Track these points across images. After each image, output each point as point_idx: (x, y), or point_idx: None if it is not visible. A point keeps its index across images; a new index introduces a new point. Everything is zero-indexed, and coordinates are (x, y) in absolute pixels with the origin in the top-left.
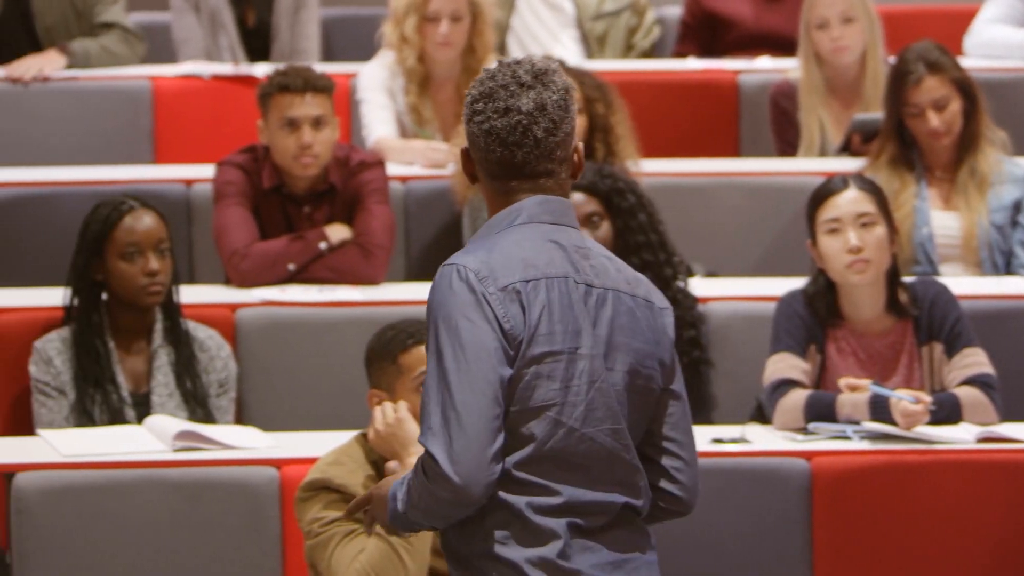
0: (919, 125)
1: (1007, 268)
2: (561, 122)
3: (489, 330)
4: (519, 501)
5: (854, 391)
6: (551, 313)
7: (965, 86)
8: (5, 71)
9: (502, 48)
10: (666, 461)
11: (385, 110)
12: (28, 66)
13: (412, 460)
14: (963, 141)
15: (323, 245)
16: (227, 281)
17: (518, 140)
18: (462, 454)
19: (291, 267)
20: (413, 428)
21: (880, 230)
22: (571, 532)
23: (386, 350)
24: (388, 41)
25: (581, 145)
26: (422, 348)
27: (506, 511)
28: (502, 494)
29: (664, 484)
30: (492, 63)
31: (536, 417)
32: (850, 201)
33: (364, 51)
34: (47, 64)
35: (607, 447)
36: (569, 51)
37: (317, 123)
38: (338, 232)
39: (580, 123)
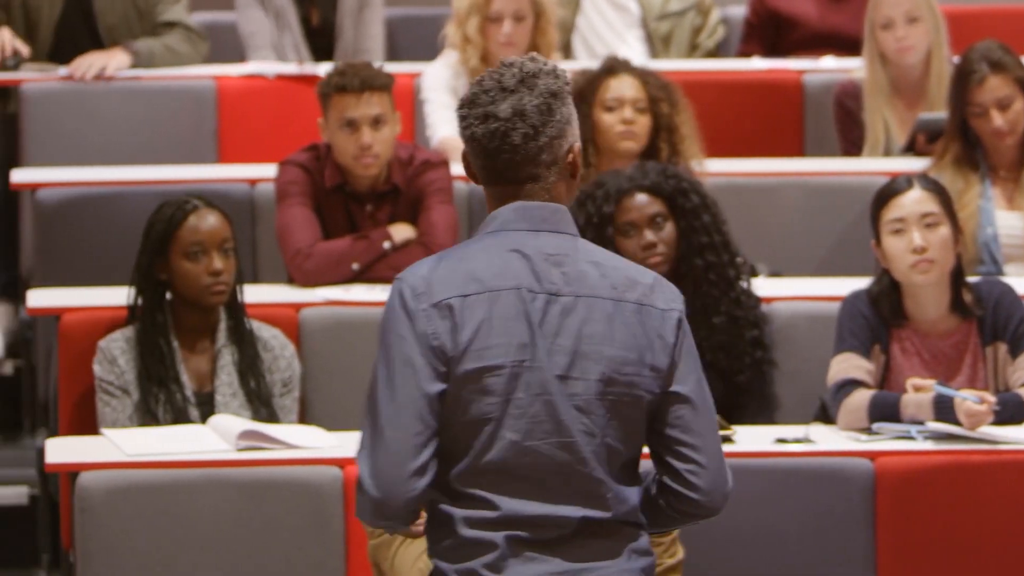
0: (983, 125)
1: None
2: (543, 126)
3: (416, 347)
4: (457, 514)
5: (919, 391)
6: (491, 327)
7: None
8: (68, 69)
9: (567, 48)
10: (679, 465)
11: (448, 110)
12: (91, 63)
13: None
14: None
15: (387, 245)
16: (291, 281)
17: (497, 147)
18: (382, 469)
19: (355, 267)
20: None
21: (944, 230)
22: (511, 544)
23: None
24: (451, 41)
25: (578, 145)
26: None
27: (445, 523)
28: (443, 506)
29: (679, 487)
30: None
31: (474, 431)
32: (914, 201)
33: (428, 51)
34: (111, 62)
35: (556, 460)
36: (634, 51)
37: (376, 122)
38: (402, 232)
39: (643, 123)
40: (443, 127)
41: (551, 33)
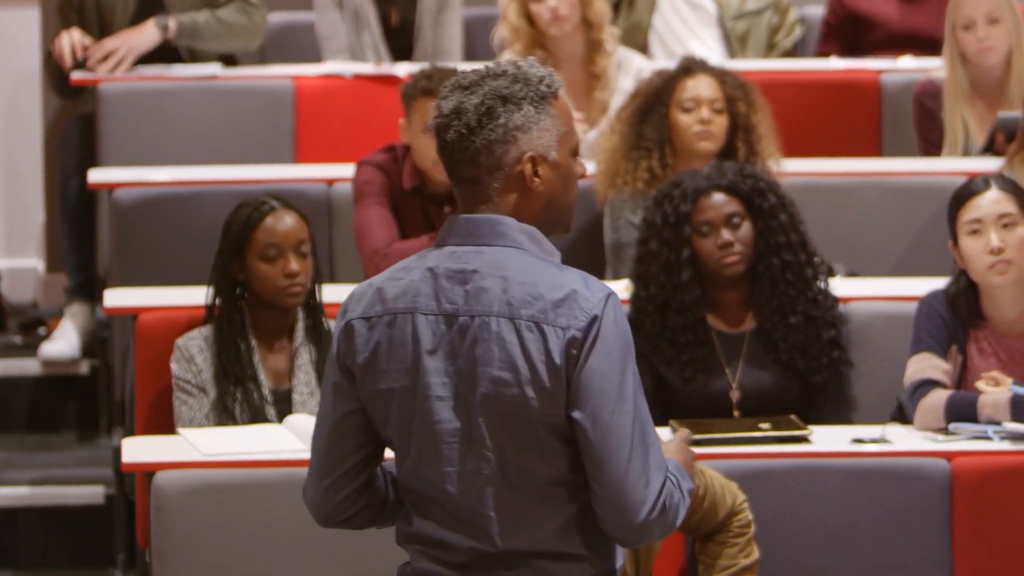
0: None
1: None
2: (479, 128)
3: (333, 366)
4: (398, 523)
5: (994, 385)
6: (387, 350)
7: None
8: (99, 50)
9: (644, 48)
10: (592, 491)
11: None
12: (115, 48)
13: None
14: None
15: None
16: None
17: (440, 140)
18: (308, 486)
19: None
20: None
21: (1022, 230)
22: (425, 560)
23: None
24: (500, 37)
25: (535, 155)
26: None
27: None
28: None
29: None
30: (610, 33)
31: (385, 447)
32: (992, 202)
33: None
34: (138, 40)
35: (443, 488)
36: (711, 50)
37: None
38: None
39: (720, 122)
40: None
41: (598, 3)
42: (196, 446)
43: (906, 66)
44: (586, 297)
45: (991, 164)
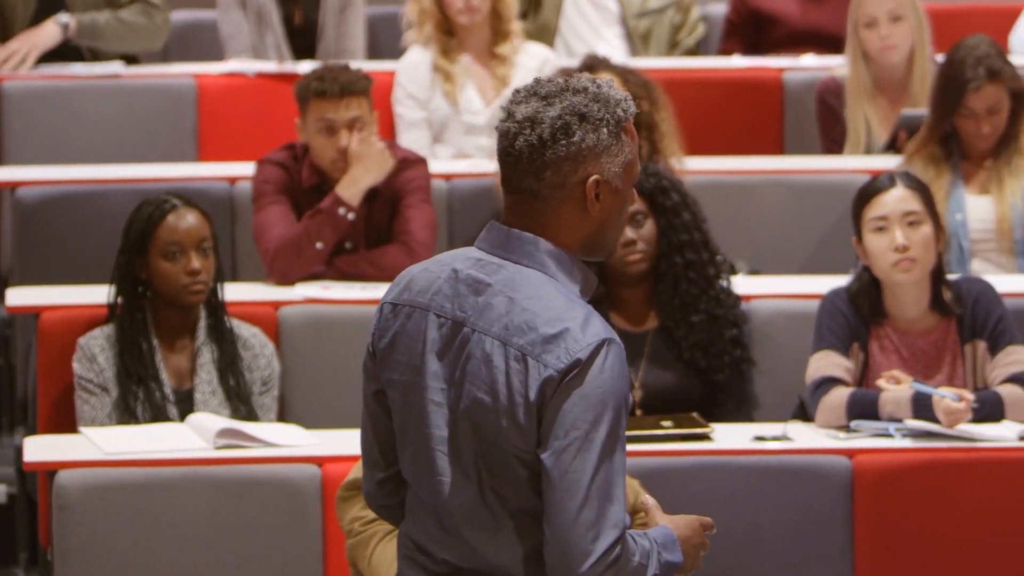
0: (969, 127)
1: None
2: (553, 142)
3: (368, 343)
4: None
5: (895, 382)
6: (402, 341)
7: (1017, 92)
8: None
9: (552, 37)
10: (544, 533)
11: (414, 128)
12: (14, 51)
13: None
14: (1004, 137)
15: (342, 211)
16: (270, 279)
17: (506, 148)
18: (363, 464)
19: (319, 245)
20: None
21: (927, 229)
22: (413, 566)
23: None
24: (409, 18)
25: (600, 180)
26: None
27: None
28: None
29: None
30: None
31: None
32: (897, 199)
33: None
34: (38, 39)
35: (435, 499)
36: (614, 49)
37: (354, 125)
38: (348, 188)
39: None
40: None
41: None
42: (98, 445)
43: (808, 64)
44: (576, 339)
45: (893, 162)
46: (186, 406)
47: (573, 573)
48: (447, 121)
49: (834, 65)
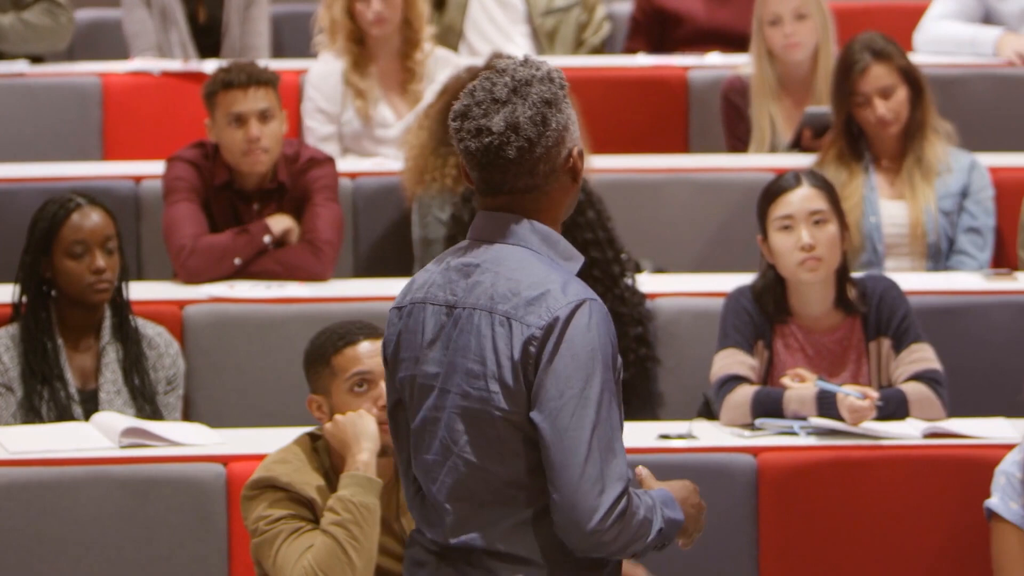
0: (866, 114)
1: (949, 256)
2: (538, 138)
3: (384, 354)
4: None
5: (800, 380)
6: (405, 339)
7: (911, 74)
8: None
9: (455, 48)
10: (551, 496)
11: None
12: None
13: (362, 456)
14: (909, 130)
15: (267, 239)
16: (175, 278)
17: (491, 161)
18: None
19: (237, 261)
20: (371, 423)
21: (832, 228)
22: (416, 546)
23: (319, 353)
24: (321, 25)
25: (577, 149)
26: (355, 348)
27: None
28: None
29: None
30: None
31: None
32: (803, 198)
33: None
34: None
35: (426, 477)
36: (520, 47)
37: (264, 117)
38: (280, 223)
39: None
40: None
41: (421, 5)
42: (2, 444)
43: (713, 62)
44: (556, 298)
45: (800, 160)
46: (91, 405)
47: (583, 529)
48: (358, 135)
49: (739, 64)
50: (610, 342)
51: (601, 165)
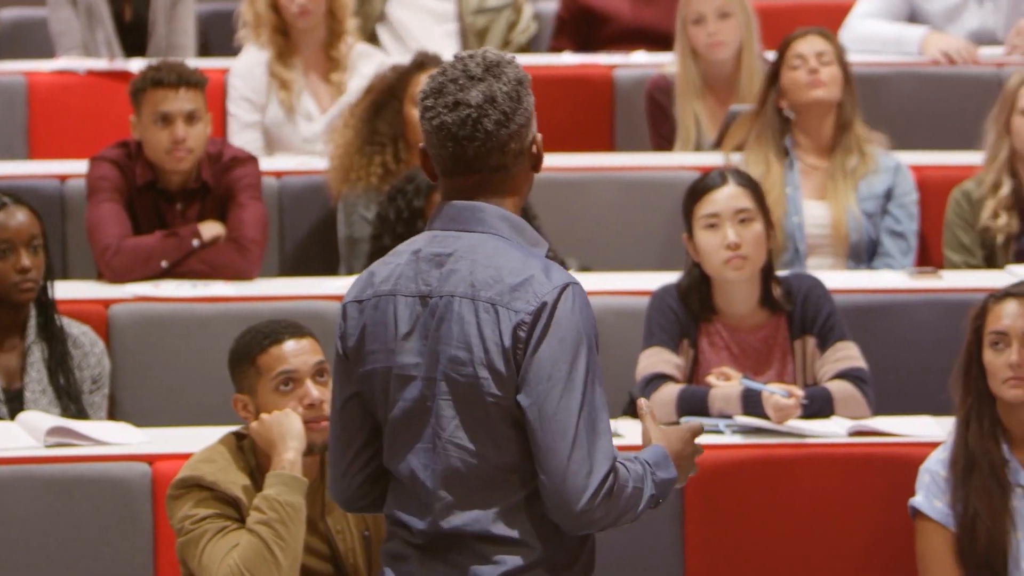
0: (798, 77)
1: (872, 257)
2: (513, 114)
3: (336, 346)
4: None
5: (725, 379)
6: (372, 332)
7: (845, 63)
8: None
9: (374, 40)
10: (539, 478)
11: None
12: None
13: (288, 455)
14: (838, 125)
15: (196, 242)
16: (100, 277)
17: (469, 134)
18: (331, 472)
19: (164, 264)
20: (297, 422)
21: (758, 226)
22: (395, 541)
23: (245, 353)
24: (244, 20)
25: (540, 136)
26: (280, 347)
27: None
28: None
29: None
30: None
31: (379, 435)
32: (729, 197)
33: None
34: None
35: (411, 467)
36: (443, 45)
37: (190, 118)
38: (211, 229)
39: None
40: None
41: None
42: None
43: (639, 61)
44: (541, 283)
45: (722, 158)
46: (16, 405)
47: (572, 510)
48: (282, 127)
49: (664, 62)
50: (592, 324)
51: None
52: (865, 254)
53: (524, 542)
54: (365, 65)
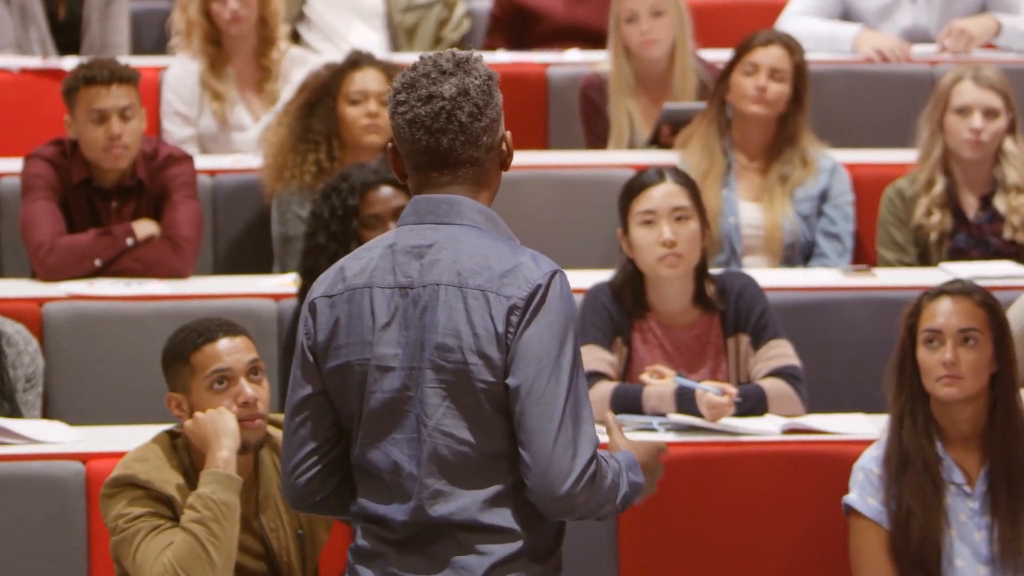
0: (743, 86)
1: (807, 258)
2: (485, 107)
3: (298, 347)
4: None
5: (658, 377)
6: (346, 326)
7: (801, 79)
8: None
9: (296, 38)
10: (521, 460)
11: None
12: None
13: (222, 453)
14: (780, 136)
15: (130, 241)
16: (34, 275)
17: (442, 126)
18: (283, 469)
19: (97, 262)
20: (231, 420)
21: (693, 224)
22: (365, 538)
23: (178, 351)
24: (176, 28)
25: (509, 134)
26: (214, 346)
27: None
28: None
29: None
30: (283, 30)
31: (349, 426)
32: (665, 194)
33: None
34: None
35: (392, 458)
36: (370, 43)
37: (124, 114)
38: (145, 228)
39: (387, 116)
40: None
41: (276, 3)
42: None
43: (572, 59)
44: (531, 269)
45: (658, 156)
46: None
47: (555, 492)
48: (216, 139)
49: (597, 61)
50: (576, 311)
51: None
52: (800, 256)
53: (509, 530)
54: (297, 72)
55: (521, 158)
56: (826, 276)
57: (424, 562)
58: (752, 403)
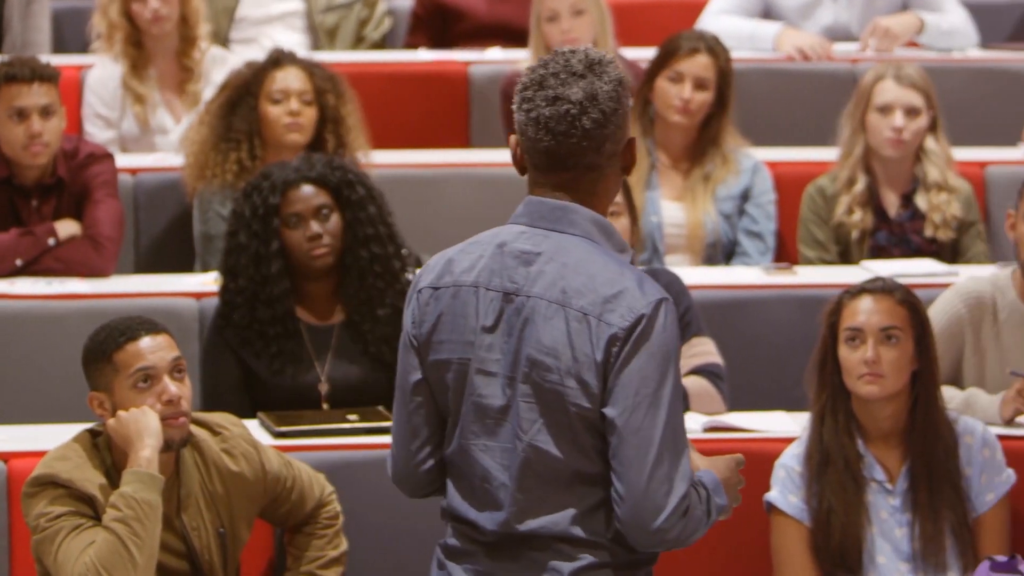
0: (665, 92)
1: (729, 257)
2: (612, 113)
3: (407, 332)
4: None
5: None
6: (449, 322)
7: (724, 86)
8: None
9: (224, 41)
10: (613, 488)
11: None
12: None
13: (144, 452)
14: (702, 138)
15: (51, 241)
16: None
17: (566, 130)
18: (393, 456)
19: (18, 262)
20: (154, 419)
21: (624, 221)
22: (455, 537)
23: (100, 350)
24: (97, 31)
25: (635, 139)
26: (136, 344)
27: None
28: None
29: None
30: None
31: (446, 420)
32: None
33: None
34: None
35: (484, 464)
36: (293, 42)
37: (45, 112)
38: (67, 227)
39: (309, 114)
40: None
41: (196, 2)
42: None
43: (494, 57)
44: (636, 297)
45: None
46: None
47: (647, 528)
48: (138, 141)
49: (519, 59)
50: (678, 342)
51: (382, 160)
52: (722, 254)
53: (600, 544)
54: (218, 72)
55: (442, 156)
56: (747, 274)
57: (514, 565)
58: None
